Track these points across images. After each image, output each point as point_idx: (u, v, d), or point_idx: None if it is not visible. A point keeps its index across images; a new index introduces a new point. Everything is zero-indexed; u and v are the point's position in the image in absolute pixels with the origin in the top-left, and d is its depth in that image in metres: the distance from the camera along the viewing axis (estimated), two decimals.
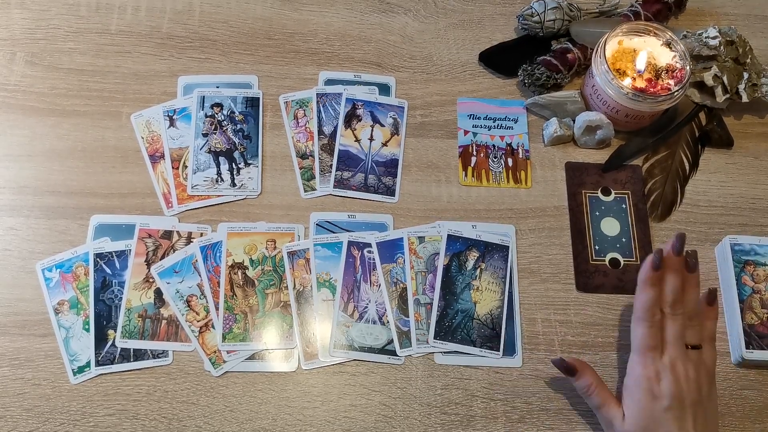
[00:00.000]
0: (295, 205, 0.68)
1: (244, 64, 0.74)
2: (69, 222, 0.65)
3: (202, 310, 0.62)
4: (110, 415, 0.58)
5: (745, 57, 0.73)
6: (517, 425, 0.59)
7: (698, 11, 0.81)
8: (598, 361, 0.62)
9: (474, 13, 0.79)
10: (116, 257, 0.64)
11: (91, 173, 0.68)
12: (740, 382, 0.62)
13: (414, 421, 0.59)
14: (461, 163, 0.70)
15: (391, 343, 0.62)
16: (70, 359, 0.60)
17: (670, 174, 0.71)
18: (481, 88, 0.75)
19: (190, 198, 0.67)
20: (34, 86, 0.71)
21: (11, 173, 0.67)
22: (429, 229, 0.67)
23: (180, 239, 0.65)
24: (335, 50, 0.76)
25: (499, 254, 0.65)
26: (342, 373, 0.61)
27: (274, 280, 0.64)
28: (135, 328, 0.61)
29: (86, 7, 0.76)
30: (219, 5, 0.78)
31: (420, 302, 0.63)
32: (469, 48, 0.77)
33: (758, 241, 0.66)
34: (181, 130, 0.70)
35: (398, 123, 0.72)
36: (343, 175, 0.69)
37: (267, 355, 0.61)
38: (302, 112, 0.72)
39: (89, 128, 0.70)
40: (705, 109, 0.74)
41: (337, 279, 0.64)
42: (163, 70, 0.73)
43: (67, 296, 0.62)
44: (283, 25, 0.77)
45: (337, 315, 0.62)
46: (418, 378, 0.61)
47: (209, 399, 0.59)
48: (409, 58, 0.76)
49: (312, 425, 0.59)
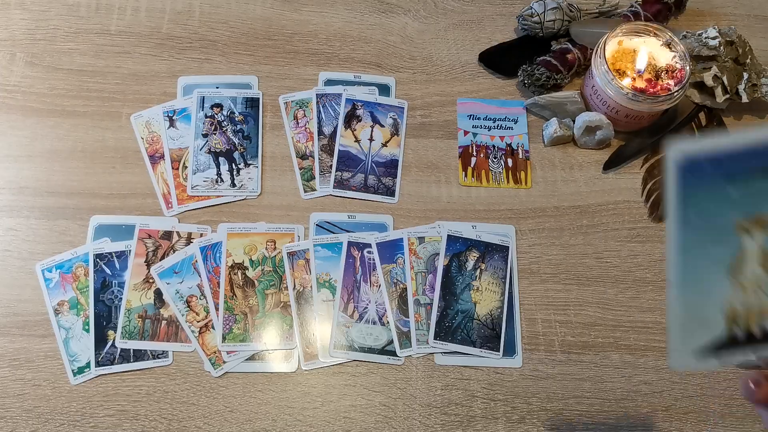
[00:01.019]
0: (295, 206, 0.68)
1: (244, 64, 0.74)
2: (69, 222, 0.65)
3: (202, 310, 0.62)
4: (110, 415, 0.58)
5: (745, 57, 0.72)
6: (517, 425, 0.59)
7: (698, 11, 0.81)
8: (599, 361, 0.62)
9: (474, 13, 0.79)
10: (116, 258, 0.64)
11: (91, 174, 0.68)
12: None
13: (414, 421, 0.59)
14: (461, 164, 0.70)
15: (391, 344, 0.62)
16: (70, 360, 0.60)
17: None
18: (481, 88, 0.75)
19: (190, 198, 0.67)
20: (34, 87, 0.71)
21: (11, 174, 0.67)
22: (429, 230, 0.67)
23: (180, 240, 0.65)
24: (335, 51, 0.76)
25: (499, 254, 0.65)
26: (342, 374, 0.61)
27: (274, 280, 0.64)
28: (135, 329, 0.61)
29: (86, 7, 0.76)
30: (219, 6, 0.78)
31: (420, 303, 0.63)
32: (469, 48, 0.77)
33: None
34: (180, 131, 0.70)
35: (398, 123, 0.72)
36: (343, 176, 0.69)
37: (267, 355, 0.61)
38: (302, 112, 0.72)
39: (89, 129, 0.70)
40: (705, 109, 0.74)
41: (337, 279, 0.64)
42: (163, 71, 0.73)
43: (67, 297, 0.62)
44: (283, 25, 0.77)
45: (337, 315, 0.62)
46: (418, 378, 0.61)
47: (209, 399, 0.59)
48: (409, 59, 0.76)
49: (312, 426, 0.59)
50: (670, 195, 0.39)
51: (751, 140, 0.38)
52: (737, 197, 0.39)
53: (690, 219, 0.39)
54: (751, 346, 0.40)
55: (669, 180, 0.39)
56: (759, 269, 0.39)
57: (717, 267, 0.40)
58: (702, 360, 0.40)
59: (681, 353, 0.40)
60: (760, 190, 0.38)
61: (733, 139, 0.38)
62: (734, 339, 0.40)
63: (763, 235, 0.39)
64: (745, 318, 0.40)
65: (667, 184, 0.39)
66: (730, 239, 0.39)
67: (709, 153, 0.38)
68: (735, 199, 0.39)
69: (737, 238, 0.39)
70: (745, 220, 0.39)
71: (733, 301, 0.40)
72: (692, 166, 0.39)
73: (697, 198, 0.39)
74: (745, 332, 0.40)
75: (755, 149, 0.38)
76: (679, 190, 0.39)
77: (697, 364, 0.40)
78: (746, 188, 0.39)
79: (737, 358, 0.40)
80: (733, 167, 0.38)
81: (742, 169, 0.38)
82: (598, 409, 0.60)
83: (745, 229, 0.39)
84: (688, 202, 0.39)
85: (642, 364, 0.62)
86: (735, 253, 0.39)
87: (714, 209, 0.39)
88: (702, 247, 0.40)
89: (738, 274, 0.40)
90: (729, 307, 0.40)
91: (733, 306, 0.40)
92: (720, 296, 0.40)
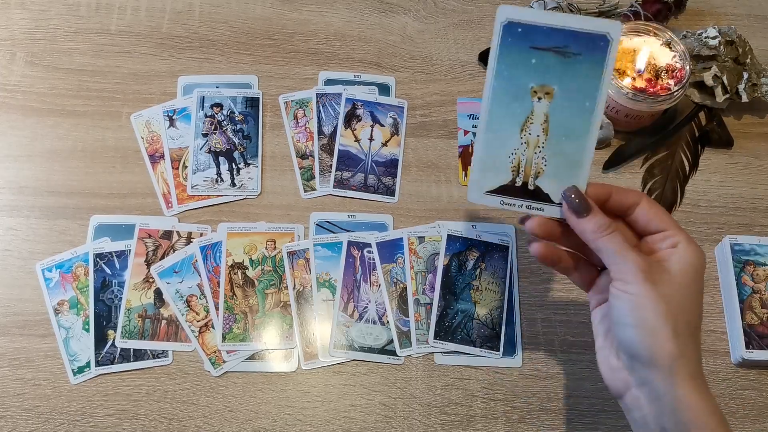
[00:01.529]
0: (295, 205, 0.68)
1: (244, 64, 0.74)
2: (69, 222, 0.65)
3: (202, 310, 0.62)
4: (110, 415, 0.58)
5: (745, 57, 0.73)
6: (517, 425, 0.59)
7: (698, 11, 0.81)
8: None
9: (474, 13, 0.79)
10: (116, 257, 0.64)
11: (91, 173, 0.68)
12: (740, 382, 0.62)
13: (414, 421, 0.59)
14: (461, 163, 0.70)
15: (391, 343, 0.62)
16: (69, 359, 0.60)
17: (669, 174, 0.71)
18: (481, 88, 0.74)
19: (189, 198, 0.67)
20: (34, 86, 0.71)
21: (11, 173, 0.67)
22: (429, 229, 0.67)
23: (180, 239, 0.65)
24: (335, 50, 0.76)
25: (499, 254, 0.65)
26: (342, 373, 0.61)
27: (274, 280, 0.64)
28: (135, 328, 0.61)
29: (86, 7, 0.76)
30: (219, 5, 0.78)
31: (420, 302, 0.63)
32: (469, 48, 0.77)
33: (758, 241, 0.66)
34: (180, 130, 0.70)
35: (398, 123, 0.72)
36: (342, 175, 0.69)
37: (267, 355, 0.61)
38: (302, 112, 0.72)
39: (89, 128, 0.70)
40: (705, 109, 0.74)
41: (337, 279, 0.64)
42: (163, 70, 0.73)
43: (67, 296, 0.62)
44: (283, 25, 0.77)
45: (337, 315, 0.62)
46: (418, 378, 0.61)
47: (209, 399, 0.59)
48: (409, 58, 0.76)
49: (312, 425, 0.59)
50: (492, 49, 0.48)
51: (553, 22, 0.47)
52: (536, 65, 0.48)
53: (502, 73, 0.48)
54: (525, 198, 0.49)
55: (494, 36, 0.48)
56: (539, 130, 0.49)
57: (513, 121, 0.49)
58: (490, 199, 0.50)
59: (477, 190, 0.50)
60: (549, 65, 0.47)
61: (544, 17, 0.47)
62: (515, 186, 0.50)
63: (546, 102, 0.48)
64: (524, 170, 0.49)
65: (492, 40, 0.48)
66: (525, 99, 0.48)
67: (525, 22, 0.47)
68: (533, 67, 0.48)
69: (531, 100, 0.48)
70: (538, 86, 0.48)
71: (519, 153, 0.49)
72: (511, 28, 0.48)
73: (510, 57, 0.48)
74: (522, 183, 0.49)
75: (554, 30, 0.47)
76: (498, 45, 0.48)
77: (486, 201, 0.50)
78: (542, 60, 0.48)
79: (515, 205, 0.50)
80: (538, 40, 0.47)
81: (543, 43, 0.47)
82: (598, 409, 0.60)
83: (536, 93, 0.48)
84: (502, 59, 0.48)
85: None
86: (527, 112, 0.48)
87: (519, 70, 0.48)
88: (506, 100, 0.49)
89: (525, 132, 0.49)
90: (516, 158, 0.49)
91: (518, 157, 0.49)
92: (511, 146, 0.49)
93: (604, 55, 0.47)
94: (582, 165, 0.48)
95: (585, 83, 0.47)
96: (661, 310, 0.43)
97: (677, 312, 0.43)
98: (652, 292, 0.43)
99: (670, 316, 0.43)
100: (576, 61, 0.47)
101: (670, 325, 0.43)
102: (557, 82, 0.47)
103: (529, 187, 0.49)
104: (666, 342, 0.42)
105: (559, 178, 0.48)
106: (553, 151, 0.48)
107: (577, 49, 0.47)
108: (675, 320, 0.43)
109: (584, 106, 0.47)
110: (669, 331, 0.42)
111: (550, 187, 0.49)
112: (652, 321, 0.43)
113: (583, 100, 0.47)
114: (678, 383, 0.42)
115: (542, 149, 0.48)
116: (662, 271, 0.44)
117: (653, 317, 0.43)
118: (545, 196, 0.49)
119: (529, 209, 0.49)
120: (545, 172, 0.49)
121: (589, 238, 0.46)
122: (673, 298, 0.43)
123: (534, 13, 0.47)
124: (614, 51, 0.47)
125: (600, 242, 0.45)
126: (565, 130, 0.48)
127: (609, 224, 0.46)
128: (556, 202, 0.49)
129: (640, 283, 0.43)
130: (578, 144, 0.48)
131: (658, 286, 0.43)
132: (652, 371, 0.43)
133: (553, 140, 0.48)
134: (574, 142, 0.48)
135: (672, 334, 0.42)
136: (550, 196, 0.49)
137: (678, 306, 0.43)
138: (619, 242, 0.45)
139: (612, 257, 0.45)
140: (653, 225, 0.47)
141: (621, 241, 0.45)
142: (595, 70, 0.47)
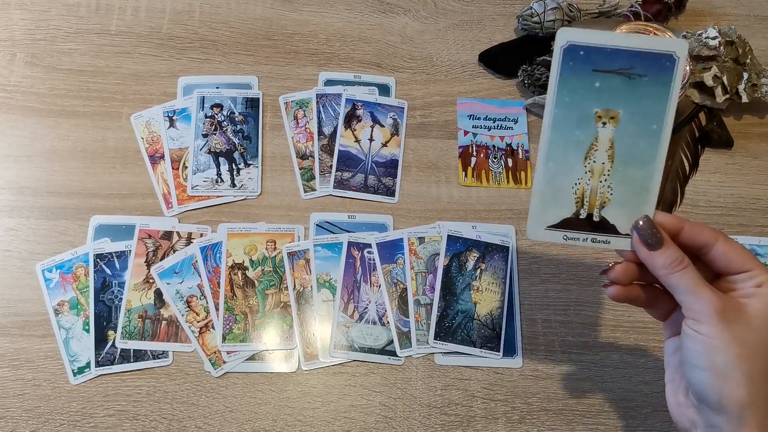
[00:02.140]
0: (295, 206, 0.68)
1: (244, 64, 0.74)
2: (69, 223, 0.65)
3: (202, 310, 0.62)
4: (110, 415, 0.58)
5: (745, 57, 0.72)
6: (517, 425, 0.59)
7: (698, 11, 0.81)
8: (598, 361, 0.62)
9: (474, 13, 0.79)
10: (116, 258, 0.64)
11: (91, 174, 0.68)
12: None
13: (414, 421, 0.59)
14: (461, 164, 0.70)
15: (391, 344, 0.62)
16: (70, 360, 0.60)
17: (669, 174, 0.71)
18: (481, 88, 0.75)
19: (190, 198, 0.67)
20: (34, 87, 0.71)
21: (11, 174, 0.67)
22: (429, 230, 0.67)
23: (180, 240, 0.65)
24: (335, 51, 0.76)
25: (499, 255, 0.65)
26: (342, 374, 0.61)
27: (274, 280, 0.64)
28: (135, 329, 0.61)
29: (86, 7, 0.76)
30: (219, 6, 0.78)
31: (420, 303, 0.63)
32: (469, 48, 0.77)
33: (758, 241, 0.66)
34: (180, 131, 0.70)
35: (398, 123, 0.72)
36: (343, 176, 0.69)
37: (267, 355, 0.61)
38: (302, 112, 0.72)
39: (89, 129, 0.70)
40: (705, 109, 0.74)
41: (337, 279, 0.64)
42: (163, 71, 0.73)
43: (67, 297, 0.62)
44: (282, 25, 0.77)
45: (337, 315, 0.62)
46: (419, 378, 0.61)
47: (209, 399, 0.59)
48: (408, 59, 0.76)
49: (312, 426, 0.59)
50: (552, 74, 0.46)
51: (616, 43, 0.44)
52: (599, 89, 0.45)
53: (563, 99, 0.46)
54: (590, 231, 0.47)
55: (554, 61, 0.45)
56: (605, 157, 0.46)
57: (576, 148, 0.46)
58: (552, 234, 0.47)
59: (537, 226, 0.47)
60: (614, 87, 0.45)
61: (608, 38, 0.44)
62: (578, 218, 0.47)
63: (612, 127, 0.45)
64: (589, 201, 0.47)
65: (552, 65, 0.45)
66: (589, 125, 0.46)
67: (588, 44, 0.45)
68: (597, 91, 0.45)
69: (594, 126, 0.46)
70: (602, 111, 0.45)
71: (583, 183, 0.46)
72: (573, 51, 0.45)
73: (571, 82, 0.45)
74: (587, 214, 0.47)
75: (618, 51, 0.44)
76: (559, 71, 0.45)
77: (547, 237, 0.47)
78: (607, 83, 0.45)
79: (579, 239, 0.47)
80: (601, 62, 0.45)
81: (607, 65, 0.45)
82: (598, 409, 0.60)
83: (601, 118, 0.46)
84: (563, 84, 0.45)
85: (642, 364, 0.62)
86: (591, 139, 0.46)
87: (581, 95, 0.45)
88: (568, 127, 0.46)
89: (590, 159, 0.46)
90: (580, 188, 0.46)
91: (582, 187, 0.46)
92: (575, 176, 0.46)
93: (671, 75, 0.44)
94: (650, 192, 0.46)
95: (651, 105, 0.45)
96: (733, 353, 0.40)
97: (753, 356, 0.40)
98: (725, 334, 0.40)
99: (744, 360, 0.40)
100: (641, 83, 0.45)
101: (743, 369, 0.40)
102: (623, 105, 0.45)
103: (594, 218, 0.47)
104: (736, 388, 0.40)
105: (626, 207, 0.46)
106: (619, 178, 0.46)
107: (642, 70, 0.44)
108: (750, 365, 0.40)
109: (651, 129, 0.45)
110: (741, 376, 0.40)
111: (617, 217, 0.46)
112: (723, 365, 0.40)
113: (650, 123, 0.45)
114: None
115: (608, 177, 0.46)
116: (740, 312, 0.41)
117: (725, 361, 0.40)
118: (611, 228, 0.46)
119: (594, 243, 0.47)
120: (611, 202, 0.46)
121: (661, 273, 0.43)
122: (750, 340, 0.40)
123: (597, 35, 0.44)
124: (681, 70, 0.44)
125: (672, 278, 0.43)
126: (632, 156, 0.45)
127: (682, 258, 0.43)
128: (623, 233, 0.46)
129: (713, 323, 0.41)
130: (645, 170, 0.45)
131: (732, 327, 0.41)
132: (720, 416, 0.41)
133: (619, 167, 0.46)
134: (641, 167, 0.45)
135: (744, 381, 0.40)
136: (616, 227, 0.46)
137: (754, 349, 0.40)
138: (693, 278, 0.42)
139: (685, 295, 0.42)
140: (735, 266, 0.44)
141: (695, 277, 0.42)
142: (661, 91, 0.45)
